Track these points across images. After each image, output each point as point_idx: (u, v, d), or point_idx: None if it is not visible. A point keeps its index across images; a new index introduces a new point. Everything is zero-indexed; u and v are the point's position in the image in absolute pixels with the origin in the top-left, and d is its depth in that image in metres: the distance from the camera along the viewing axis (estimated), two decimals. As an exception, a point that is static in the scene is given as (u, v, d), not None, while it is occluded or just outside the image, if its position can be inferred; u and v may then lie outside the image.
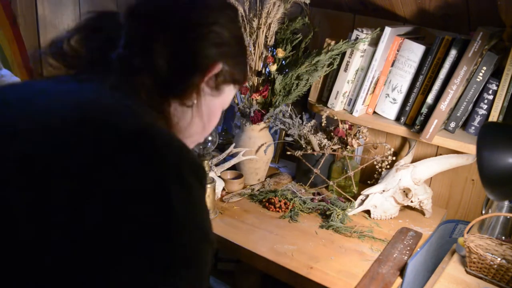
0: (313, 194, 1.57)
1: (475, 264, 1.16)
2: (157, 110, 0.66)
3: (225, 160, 1.57)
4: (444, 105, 1.32)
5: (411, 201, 1.44)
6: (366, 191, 1.46)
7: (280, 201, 1.48)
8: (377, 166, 1.57)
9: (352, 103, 1.55)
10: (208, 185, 1.37)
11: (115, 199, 0.50)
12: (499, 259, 1.15)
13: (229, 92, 0.78)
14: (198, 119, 0.73)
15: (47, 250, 0.48)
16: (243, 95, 1.55)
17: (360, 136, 1.56)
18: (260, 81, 1.55)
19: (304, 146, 1.59)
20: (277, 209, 1.47)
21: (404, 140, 1.64)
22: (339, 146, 1.58)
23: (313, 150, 1.58)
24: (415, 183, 1.43)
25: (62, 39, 0.69)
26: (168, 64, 0.65)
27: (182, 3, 0.70)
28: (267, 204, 1.49)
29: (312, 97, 1.64)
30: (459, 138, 1.37)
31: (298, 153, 1.58)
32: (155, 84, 0.65)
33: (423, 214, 1.51)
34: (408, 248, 1.31)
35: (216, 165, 1.55)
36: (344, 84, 1.52)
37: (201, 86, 0.70)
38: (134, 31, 0.65)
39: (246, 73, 0.80)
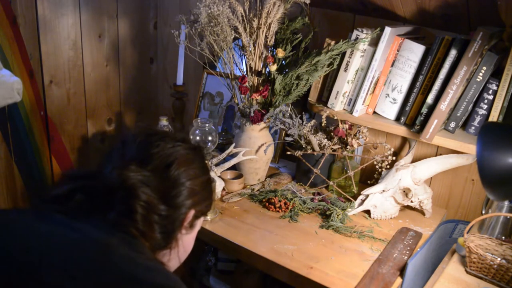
0: (313, 194, 1.57)
1: (475, 264, 1.16)
2: (155, 260, 0.81)
3: (225, 160, 1.57)
4: (444, 105, 1.32)
5: (411, 201, 1.45)
6: (366, 191, 1.46)
7: (280, 201, 1.48)
8: (377, 166, 1.57)
9: (352, 103, 1.55)
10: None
11: None
12: (499, 259, 1.15)
13: (200, 222, 0.93)
14: (175, 256, 0.87)
15: None
16: (243, 95, 1.55)
17: (360, 136, 1.56)
18: (260, 81, 1.55)
19: (304, 146, 1.59)
20: (277, 209, 1.47)
21: (404, 140, 1.64)
22: (339, 146, 1.58)
23: (313, 150, 1.58)
24: (415, 183, 1.43)
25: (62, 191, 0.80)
26: (161, 235, 0.80)
27: (161, 164, 0.82)
28: (267, 204, 1.49)
29: (312, 97, 1.64)
30: (459, 138, 1.37)
31: (298, 153, 1.58)
32: (150, 246, 0.79)
33: (423, 214, 1.51)
34: (408, 248, 1.31)
35: (216, 165, 1.55)
36: (344, 84, 1.52)
37: (179, 235, 0.86)
38: (124, 203, 0.76)
39: (212, 202, 0.96)
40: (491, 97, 1.33)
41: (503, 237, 1.28)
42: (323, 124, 1.60)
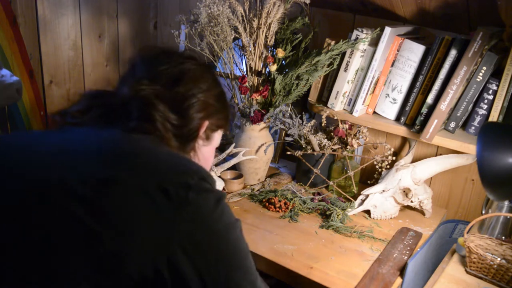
0: (313, 194, 1.57)
1: (475, 264, 1.16)
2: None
3: (225, 160, 1.57)
4: (444, 105, 1.32)
5: (411, 201, 1.45)
6: (366, 191, 1.46)
7: (280, 201, 1.48)
8: (377, 166, 1.57)
9: (352, 103, 1.55)
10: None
11: None
12: (499, 259, 1.15)
13: (218, 136, 0.96)
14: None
15: None
16: (243, 95, 1.55)
17: (360, 136, 1.56)
18: (260, 81, 1.55)
19: (304, 146, 1.59)
20: (277, 209, 1.47)
21: (404, 140, 1.64)
22: (339, 146, 1.58)
23: (313, 150, 1.58)
24: (415, 183, 1.43)
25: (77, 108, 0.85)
26: (178, 144, 0.84)
27: (171, 79, 0.85)
28: (267, 204, 1.49)
29: (312, 97, 1.64)
30: (459, 138, 1.37)
31: (298, 153, 1.58)
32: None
33: (423, 214, 1.51)
34: (408, 248, 1.31)
35: (216, 165, 1.55)
36: (344, 84, 1.52)
37: (195, 144, 0.89)
38: (141, 110, 0.81)
39: (228, 116, 0.97)
40: (491, 97, 1.33)
41: (503, 237, 1.28)
42: (323, 124, 1.60)
